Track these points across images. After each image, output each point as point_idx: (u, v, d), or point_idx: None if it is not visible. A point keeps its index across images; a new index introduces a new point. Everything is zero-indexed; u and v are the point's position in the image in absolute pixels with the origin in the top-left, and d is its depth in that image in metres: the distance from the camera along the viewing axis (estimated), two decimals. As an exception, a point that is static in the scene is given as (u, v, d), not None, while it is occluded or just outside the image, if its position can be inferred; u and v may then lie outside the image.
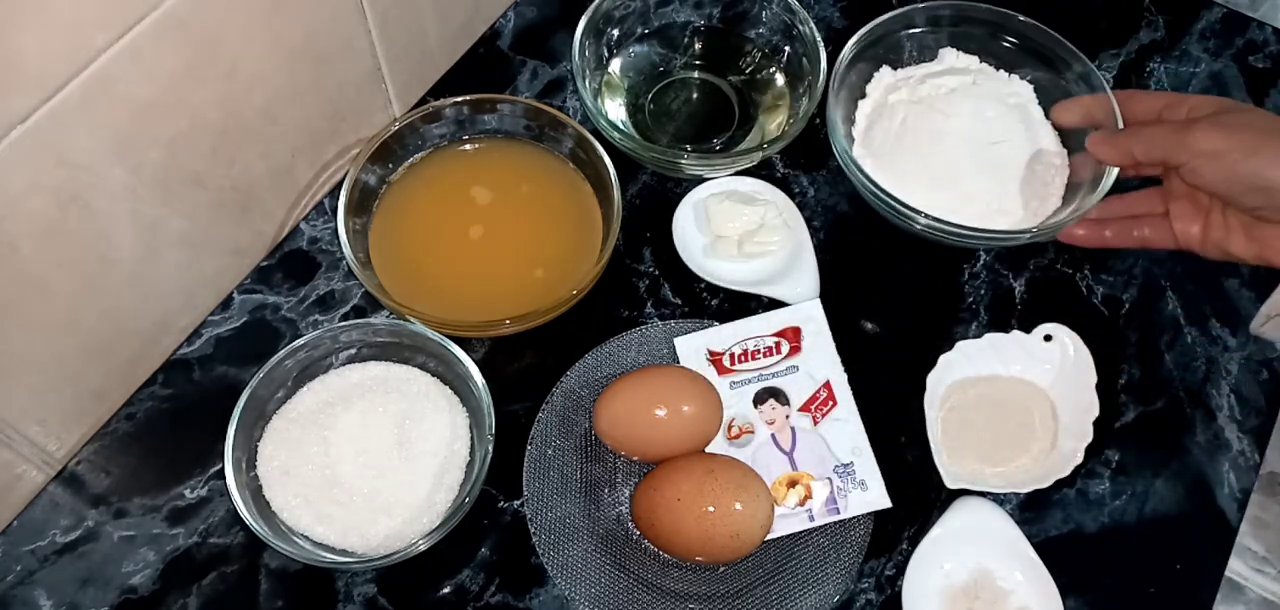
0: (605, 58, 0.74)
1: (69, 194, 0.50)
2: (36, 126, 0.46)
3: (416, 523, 0.54)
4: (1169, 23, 0.80)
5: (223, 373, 0.62)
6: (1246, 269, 0.68)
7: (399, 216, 0.65)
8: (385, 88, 0.69)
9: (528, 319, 0.59)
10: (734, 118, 0.73)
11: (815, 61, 0.70)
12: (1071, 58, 0.69)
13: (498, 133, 0.69)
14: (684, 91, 0.75)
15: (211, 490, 0.58)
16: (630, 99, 0.74)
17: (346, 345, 0.60)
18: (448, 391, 0.59)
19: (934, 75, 0.71)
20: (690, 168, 0.69)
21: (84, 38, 0.47)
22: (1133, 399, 0.63)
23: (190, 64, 0.53)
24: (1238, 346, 0.65)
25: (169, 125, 0.54)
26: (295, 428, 0.57)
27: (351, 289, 0.65)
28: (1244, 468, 0.61)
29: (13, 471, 0.56)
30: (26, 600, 0.55)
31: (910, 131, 0.68)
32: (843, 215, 0.70)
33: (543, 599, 0.56)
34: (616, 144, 0.68)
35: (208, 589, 0.55)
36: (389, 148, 0.66)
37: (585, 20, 0.70)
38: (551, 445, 0.58)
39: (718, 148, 0.71)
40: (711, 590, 0.55)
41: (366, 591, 0.56)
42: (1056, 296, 0.67)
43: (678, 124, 0.73)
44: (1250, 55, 0.79)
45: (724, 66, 0.75)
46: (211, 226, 0.60)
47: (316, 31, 0.60)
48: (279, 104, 0.60)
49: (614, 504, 0.58)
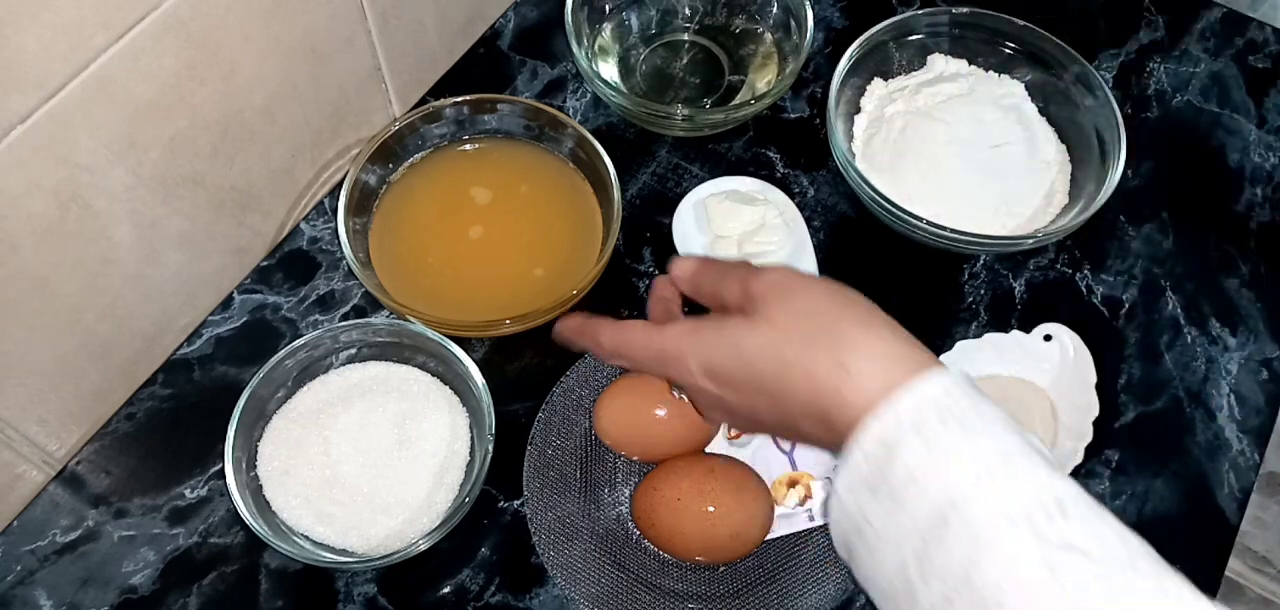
0: (598, 20, 0.76)
1: (69, 193, 0.50)
2: (37, 126, 0.46)
3: (416, 522, 0.54)
4: (1169, 23, 0.80)
5: (223, 372, 0.62)
6: (1247, 269, 0.68)
7: (399, 217, 0.65)
8: (385, 88, 0.69)
9: (528, 319, 0.59)
10: (725, 77, 0.75)
11: (801, 20, 0.72)
12: (1068, 59, 0.69)
13: (498, 133, 0.69)
14: (676, 53, 0.77)
15: (211, 490, 0.58)
16: (623, 61, 0.76)
17: (346, 345, 0.60)
18: (448, 391, 0.59)
19: (928, 83, 0.72)
20: (683, 124, 0.71)
21: (84, 37, 0.47)
22: (1132, 399, 0.63)
23: (190, 64, 0.53)
24: (1238, 346, 0.65)
25: (169, 125, 0.54)
26: (295, 427, 0.57)
27: (351, 289, 0.65)
28: (1244, 468, 0.61)
29: (13, 471, 0.56)
30: (27, 600, 0.55)
31: (910, 141, 0.69)
32: (843, 215, 0.70)
33: (543, 599, 0.56)
34: (610, 103, 0.70)
35: (208, 589, 0.55)
36: (389, 148, 0.66)
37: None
38: (551, 445, 0.58)
39: (708, 107, 0.74)
40: (711, 590, 0.55)
41: (366, 591, 0.56)
42: (1056, 297, 0.67)
43: (671, 84, 0.75)
44: (1250, 55, 0.79)
45: (714, 27, 0.78)
46: (212, 226, 0.60)
47: (316, 31, 0.60)
48: (279, 104, 0.60)
49: (614, 504, 0.58)
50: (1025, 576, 0.33)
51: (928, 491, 0.35)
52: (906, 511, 0.36)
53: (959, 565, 0.34)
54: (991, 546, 0.34)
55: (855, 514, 0.38)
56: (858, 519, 0.38)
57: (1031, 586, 0.33)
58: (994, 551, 0.34)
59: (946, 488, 0.35)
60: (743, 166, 0.71)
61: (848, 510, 0.38)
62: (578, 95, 0.75)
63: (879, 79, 0.72)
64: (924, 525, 0.35)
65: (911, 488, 0.36)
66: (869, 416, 0.37)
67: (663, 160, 0.72)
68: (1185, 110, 0.76)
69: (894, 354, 0.39)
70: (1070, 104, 0.70)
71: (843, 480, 0.38)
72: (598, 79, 0.69)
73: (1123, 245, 0.69)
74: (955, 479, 0.35)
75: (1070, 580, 0.33)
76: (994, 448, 0.36)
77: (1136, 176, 0.72)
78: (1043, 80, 0.71)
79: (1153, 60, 0.78)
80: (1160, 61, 0.78)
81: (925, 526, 0.35)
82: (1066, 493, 0.35)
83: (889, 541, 0.36)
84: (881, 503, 0.37)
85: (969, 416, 0.37)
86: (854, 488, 0.38)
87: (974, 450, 0.36)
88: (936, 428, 0.36)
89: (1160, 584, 0.33)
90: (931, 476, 0.35)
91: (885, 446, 0.37)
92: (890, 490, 0.36)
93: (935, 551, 0.35)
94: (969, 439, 0.36)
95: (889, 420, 0.37)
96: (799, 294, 0.42)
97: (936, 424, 0.36)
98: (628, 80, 0.75)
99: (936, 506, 0.35)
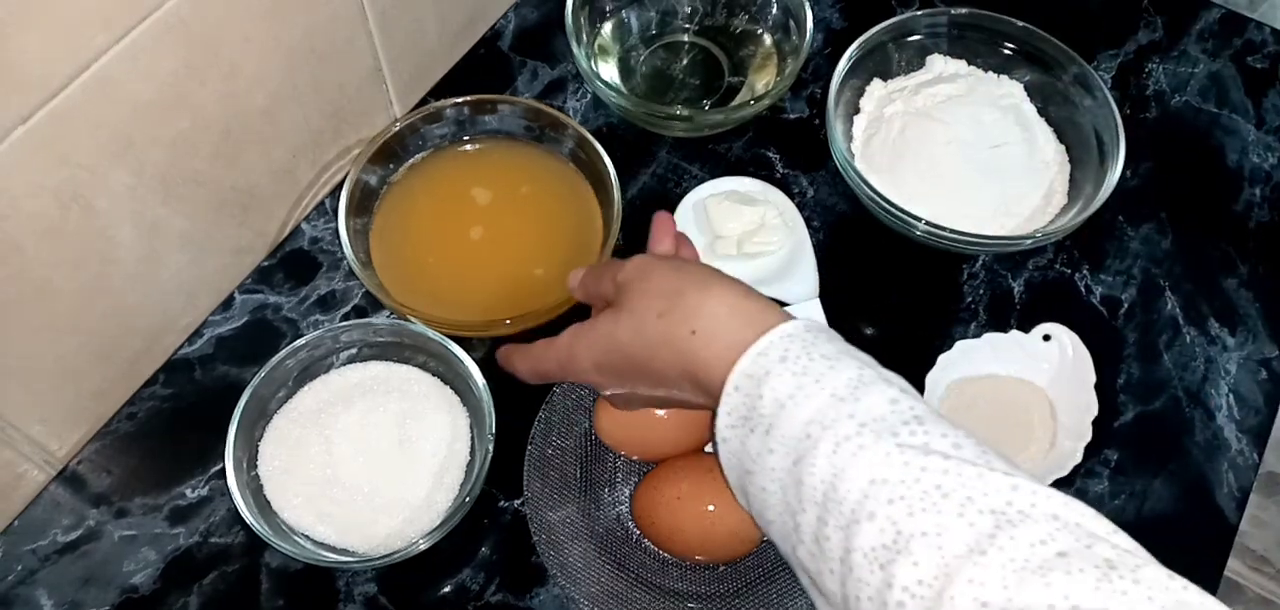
0: (598, 21, 0.76)
1: (70, 194, 0.50)
2: (38, 127, 0.46)
3: (417, 522, 0.55)
4: (1167, 23, 0.80)
5: (224, 372, 0.62)
6: (1245, 269, 0.68)
7: (400, 217, 0.66)
8: (386, 88, 0.69)
9: (528, 318, 0.59)
10: (724, 77, 0.75)
11: (801, 21, 0.72)
12: (1067, 60, 0.70)
13: (498, 133, 0.69)
14: (676, 53, 0.77)
15: (212, 490, 0.58)
16: (623, 61, 0.76)
17: (347, 345, 0.60)
18: (448, 391, 0.59)
19: (927, 84, 0.72)
20: (682, 125, 0.71)
21: (85, 38, 0.47)
22: (1132, 399, 0.63)
23: (191, 64, 0.53)
24: (1236, 346, 0.65)
25: (170, 125, 0.54)
26: (296, 427, 0.57)
27: (352, 289, 0.65)
28: (1243, 467, 0.61)
29: (14, 471, 0.56)
30: (28, 599, 0.55)
31: (909, 142, 0.69)
32: (842, 215, 0.70)
33: (543, 599, 0.56)
34: (610, 104, 0.70)
35: (208, 588, 0.56)
36: (390, 148, 0.66)
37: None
38: (551, 445, 0.58)
39: (707, 108, 0.74)
40: (711, 590, 0.55)
41: (367, 591, 0.56)
42: (1055, 296, 0.67)
43: (671, 85, 0.75)
44: (1249, 55, 0.79)
45: (714, 28, 0.78)
46: (212, 226, 0.60)
47: (317, 32, 0.60)
48: (280, 104, 0.60)
49: (614, 504, 0.58)
50: (888, 477, 0.35)
51: (795, 415, 0.38)
52: (777, 437, 0.38)
53: (824, 480, 0.36)
54: (853, 457, 0.36)
55: (738, 451, 0.41)
56: (742, 455, 0.40)
57: (894, 488, 0.35)
58: (857, 460, 0.36)
59: (810, 409, 0.38)
60: (742, 167, 0.71)
61: (732, 449, 0.41)
62: (578, 96, 0.75)
63: (878, 79, 0.73)
64: (794, 448, 0.38)
65: (780, 414, 0.38)
66: (738, 360, 0.40)
67: (662, 161, 0.72)
68: (1184, 111, 0.76)
69: (739, 310, 0.42)
70: (1069, 104, 0.70)
71: (722, 420, 0.41)
72: (598, 79, 0.69)
73: (1121, 245, 0.69)
74: (819, 400, 0.38)
75: (930, 480, 0.35)
76: (852, 373, 0.39)
77: (1135, 177, 0.72)
78: (1042, 81, 0.71)
79: (1151, 61, 0.78)
80: (1159, 62, 0.78)
81: (796, 450, 0.38)
82: (922, 408, 0.38)
83: (768, 472, 0.39)
84: (757, 435, 0.39)
85: (826, 347, 0.40)
86: (733, 425, 0.41)
87: (834, 373, 0.39)
88: (800, 356, 0.39)
89: (1012, 477, 0.35)
90: (798, 400, 0.38)
91: (753, 380, 0.40)
92: (762, 419, 0.39)
93: (805, 473, 0.37)
94: (829, 365, 0.39)
95: (755, 356, 0.40)
96: (650, 275, 0.46)
97: (800, 353, 0.40)
98: (628, 81, 0.75)
99: (803, 427, 0.38)
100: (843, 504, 0.36)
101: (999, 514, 0.33)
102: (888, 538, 0.34)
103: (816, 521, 0.37)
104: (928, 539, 0.33)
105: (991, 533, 0.33)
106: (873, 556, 0.34)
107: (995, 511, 0.33)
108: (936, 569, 0.33)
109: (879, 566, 0.34)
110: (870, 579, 0.34)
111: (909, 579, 0.33)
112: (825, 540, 0.36)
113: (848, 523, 0.35)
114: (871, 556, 0.34)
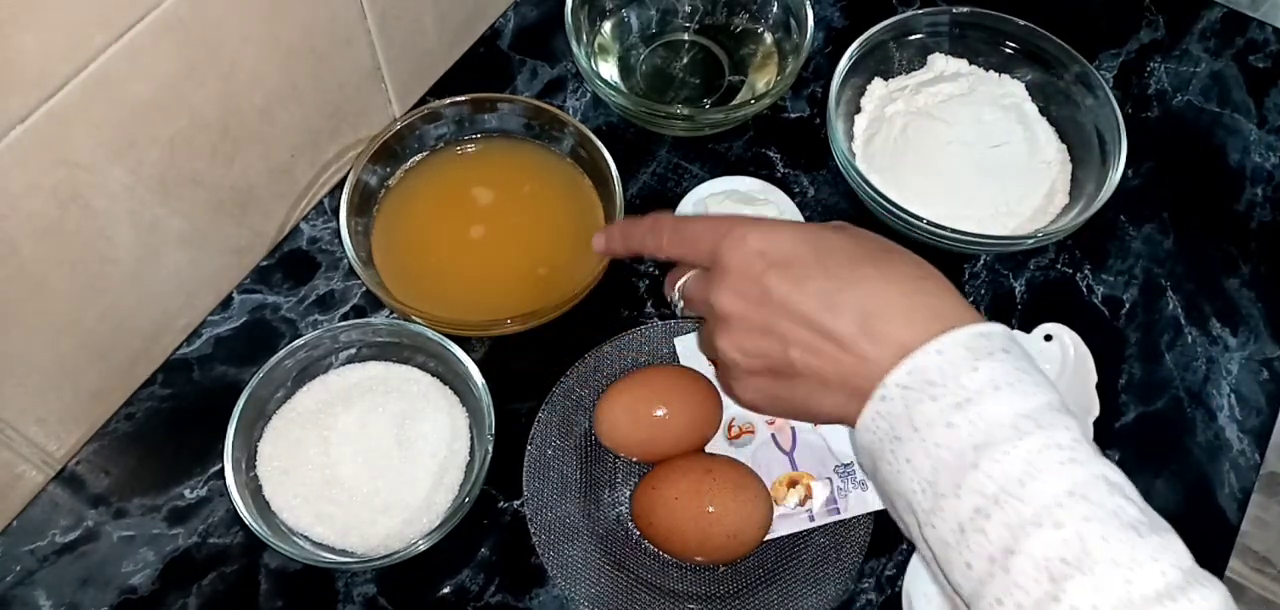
0: (598, 20, 0.76)
1: (69, 193, 0.50)
2: (36, 126, 0.46)
3: (416, 523, 0.54)
4: (1169, 22, 0.80)
5: (222, 372, 0.62)
6: (1247, 269, 0.68)
7: (400, 217, 0.65)
8: (385, 87, 0.69)
9: (529, 318, 0.59)
10: (725, 76, 0.75)
11: (801, 20, 0.72)
12: (1068, 59, 0.69)
13: (498, 132, 0.69)
14: (676, 52, 0.77)
15: (211, 490, 0.58)
16: (623, 60, 0.76)
17: (346, 345, 0.60)
18: (448, 391, 0.59)
19: (928, 83, 0.71)
20: (682, 124, 0.71)
21: (84, 37, 0.47)
22: (1133, 399, 0.63)
23: (190, 63, 0.53)
24: (1238, 346, 0.65)
25: (168, 125, 0.54)
26: (295, 427, 0.57)
27: (351, 289, 0.65)
28: (1244, 468, 0.61)
29: (12, 471, 0.56)
30: (26, 600, 0.55)
31: (911, 141, 0.68)
32: (843, 215, 0.70)
33: (543, 599, 0.56)
34: (610, 103, 0.70)
35: (207, 589, 0.55)
36: (390, 147, 0.65)
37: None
38: (551, 445, 0.58)
39: (708, 107, 0.73)
40: (711, 590, 0.55)
41: (366, 591, 0.56)
42: (1056, 296, 0.67)
43: (671, 84, 0.75)
44: (1250, 55, 0.79)
45: (714, 27, 0.78)
46: (211, 226, 0.60)
47: (316, 31, 0.60)
48: (278, 103, 0.60)
49: (614, 504, 0.58)
50: (1089, 497, 0.35)
51: (1008, 403, 0.37)
52: (971, 414, 0.37)
53: (1010, 475, 0.35)
54: (1061, 464, 0.35)
55: (897, 414, 0.39)
56: (900, 419, 0.38)
57: (1093, 509, 0.34)
58: (1063, 470, 0.35)
59: (1027, 405, 0.37)
60: (743, 166, 0.71)
61: (888, 409, 0.39)
62: (578, 95, 0.75)
63: (879, 79, 0.72)
64: (988, 433, 0.36)
65: (989, 395, 0.37)
66: (958, 327, 0.39)
67: (663, 160, 0.72)
68: (1185, 110, 0.76)
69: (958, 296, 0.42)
70: (1071, 104, 0.70)
71: (898, 375, 0.39)
72: (598, 79, 0.69)
73: (1123, 245, 0.69)
74: (1038, 401, 0.37)
75: (1128, 519, 0.34)
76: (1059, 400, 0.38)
77: (1137, 176, 0.72)
78: (1043, 80, 0.71)
79: (1153, 60, 0.78)
80: (1160, 61, 0.78)
81: (989, 434, 0.36)
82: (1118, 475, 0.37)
83: (929, 446, 0.37)
84: (940, 404, 0.37)
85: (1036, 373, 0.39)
86: (908, 387, 0.38)
87: (1051, 392, 0.38)
88: (1021, 357, 0.39)
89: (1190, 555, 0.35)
90: (1017, 392, 0.37)
91: (970, 352, 0.38)
92: (960, 391, 0.37)
93: (986, 460, 0.36)
94: (1043, 383, 0.38)
95: (978, 333, 0.39)
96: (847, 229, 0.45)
97: (1021, 356, 0.39)
98: (628, 80, 0.75)
99: (1013, 416, 0.36)
100: (1025, 504, 0.35)
101: (1188, 573, 0.33)
102: (1072, 551, 0.33)
103: (972, 512, 0.36)
104: (1118, 569, 0.33)
105: (1182, 586, 0.33)
106: (1045, 565, 0.34)
107: (1185, 570, 0.33)
108: (1118, 601, 0.32)
109: (1049, 577, 0.33)
110: (1031, 587, 0.34)
111: (1084, 601, 0.33)
112: (977, 532, 0.35)
113: (1024, 523, 0.34)
114: (1043, 564, 0.34)
